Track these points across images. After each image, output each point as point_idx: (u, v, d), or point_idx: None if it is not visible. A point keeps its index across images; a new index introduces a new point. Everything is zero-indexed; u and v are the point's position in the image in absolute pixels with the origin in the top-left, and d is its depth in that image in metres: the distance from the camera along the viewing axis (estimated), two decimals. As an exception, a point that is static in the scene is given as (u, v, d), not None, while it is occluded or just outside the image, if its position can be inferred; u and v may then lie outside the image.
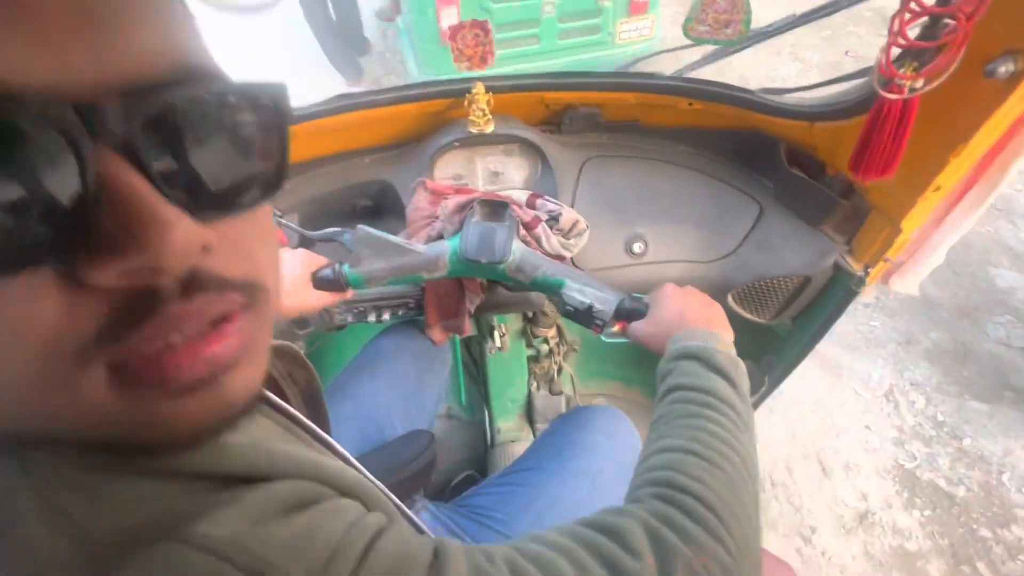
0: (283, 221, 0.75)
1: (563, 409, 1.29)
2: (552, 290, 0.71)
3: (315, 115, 0.77)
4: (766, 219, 0.85)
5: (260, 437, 0.30)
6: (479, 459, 1.38)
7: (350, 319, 0.90)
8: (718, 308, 0.63)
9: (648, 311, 0.65)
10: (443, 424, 1.47)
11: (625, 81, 0.79)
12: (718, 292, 0.86)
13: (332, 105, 0.77)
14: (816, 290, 0.84)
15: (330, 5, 2.84)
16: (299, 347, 0.99)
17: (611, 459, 0.78)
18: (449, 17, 2.14)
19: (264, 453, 0.27)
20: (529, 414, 1.30)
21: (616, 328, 0.81)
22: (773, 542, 1.38)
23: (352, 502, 0.30)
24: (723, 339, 0.57)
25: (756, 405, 1.06)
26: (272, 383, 0.47)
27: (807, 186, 0.78)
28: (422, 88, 0.78)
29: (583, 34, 2.46)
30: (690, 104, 0.80)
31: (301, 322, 0.87)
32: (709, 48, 0.76)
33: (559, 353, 1.33)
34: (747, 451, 0.46)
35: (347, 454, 0.41)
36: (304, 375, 0.50)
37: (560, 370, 1.35)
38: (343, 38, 3.01)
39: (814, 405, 1.67)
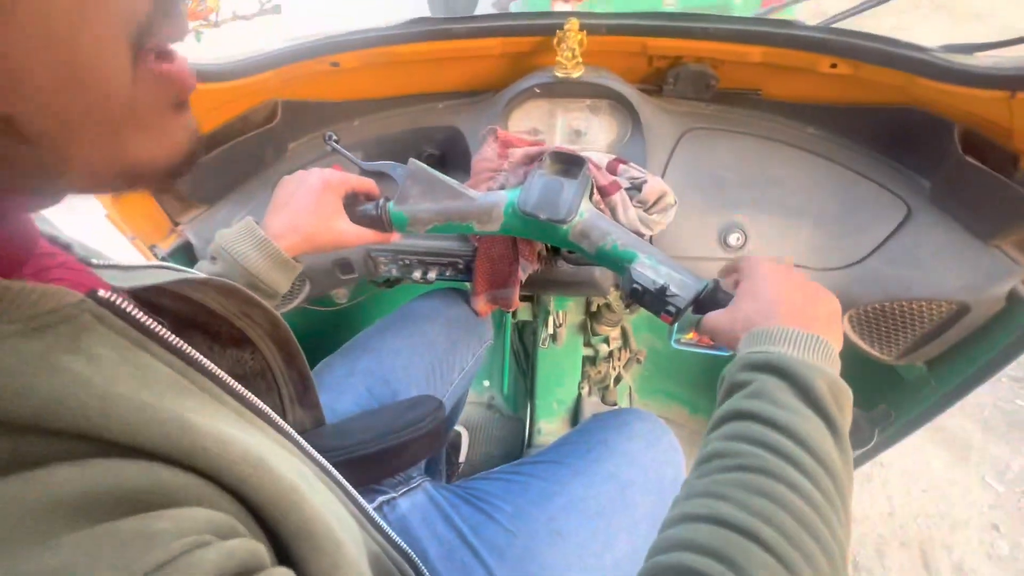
0: (338, 147, 0.69)
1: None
2: (620, 265, 0.58)
3: (391, 39, 0.70)
4: (914, 224, 0.66)
5: (111, 377, 0.23)
6: (514, 457, 1.27)
7: (394, 271, 0.83)
8: (833, 305, 0.45)
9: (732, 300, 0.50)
10: (482, 414, 1.37)
11: (752, 29, 0.63)
12: None
13: (410, 30, 0.70)
14: (974, 325, 0.63)
15: None
16: (342, 295, 0.96)
17: (646, 470, 0.65)
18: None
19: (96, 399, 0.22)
20: (575, 419, 1.16)
21: (691, 335, 0.67)
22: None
23: (199, 512, 0.22)
24: (831, 353, 0.40)
25: (855, 465, 0.85)
26: (219, 321, 0.42)
27: (988, 184, 0.58)
28: (509, 19, 0.69)
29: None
30: (833, 66, 0.63)
31: (345, 266, 0.81)
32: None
33: (620, 359, 1.18)
34: (840, 548, 0.31)
35: (282, 423, 0.35)
36: (262, 315, 0.44)
37: (618, 379, 1.20)
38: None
39: (926, 484, 1.37)
